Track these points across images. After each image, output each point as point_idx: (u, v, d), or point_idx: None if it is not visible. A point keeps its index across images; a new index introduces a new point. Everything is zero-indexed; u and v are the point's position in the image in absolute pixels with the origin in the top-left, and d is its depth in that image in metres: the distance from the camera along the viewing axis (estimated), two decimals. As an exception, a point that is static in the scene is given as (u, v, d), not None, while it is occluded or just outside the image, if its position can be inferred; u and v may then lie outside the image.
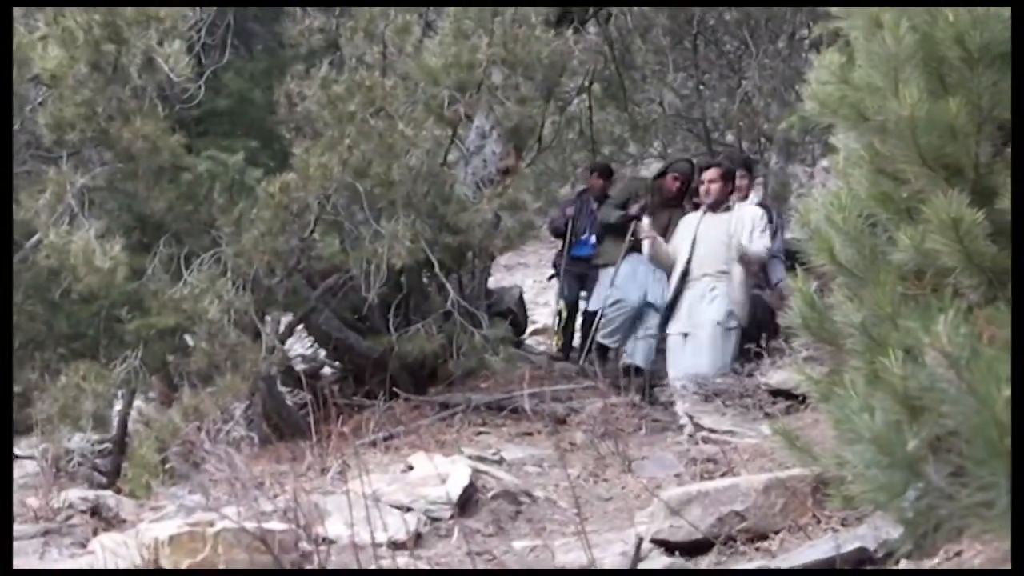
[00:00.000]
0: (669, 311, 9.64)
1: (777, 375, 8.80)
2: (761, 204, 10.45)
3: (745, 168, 10.02)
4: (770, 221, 9.96)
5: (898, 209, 4.53)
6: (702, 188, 9.70)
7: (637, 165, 12.52)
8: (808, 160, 11.93)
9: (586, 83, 10.60)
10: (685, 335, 9.46)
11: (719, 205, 9.59)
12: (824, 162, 8.40)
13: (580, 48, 9.99)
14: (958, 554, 3.51)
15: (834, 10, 4.96)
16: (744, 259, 9.21)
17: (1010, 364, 2.64)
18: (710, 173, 9.68)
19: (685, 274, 9.50)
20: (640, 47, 11.45)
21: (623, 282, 10.60)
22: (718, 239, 9.41)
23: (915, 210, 4.44)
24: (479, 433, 8.69)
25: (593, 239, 10.96)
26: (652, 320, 10.29)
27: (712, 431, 8.15)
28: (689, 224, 9.70)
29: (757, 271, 9.60)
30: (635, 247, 10.42)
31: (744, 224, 9.40)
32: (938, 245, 4.34)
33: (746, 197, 10.14)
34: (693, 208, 10.35)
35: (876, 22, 4.79)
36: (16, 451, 9.30)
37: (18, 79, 8.24)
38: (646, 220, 9.81)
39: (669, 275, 9.81)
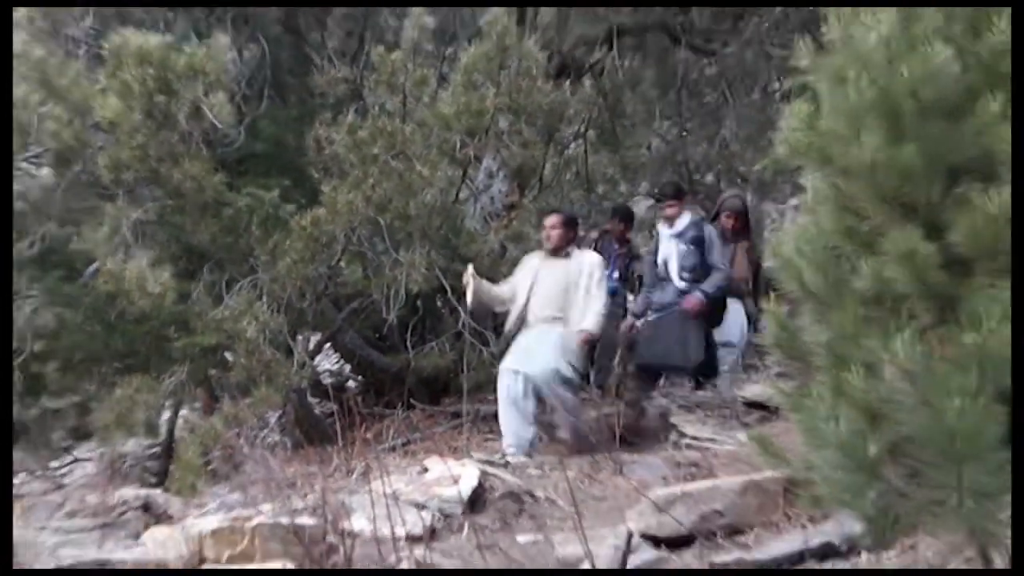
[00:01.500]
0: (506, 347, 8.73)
1: (752, 389, 8.83)
2: (697, 221, 9.42)
3: (675, 196, 9.11)
4: (700, 238, 9.07)
5: (860, 242, 4.54)
6: (543, 234, 8.78)
7: (628, 202, 12.46)
8: (780, 198, 11.93)
9: (582, 129, 10.57)
10: (516, 372, 8.25)
11: (559, 251, 8.63)
12: (794, 200, 8.41)
13: (576, 98, 10.02)
14: (912, 547, 3.52)
15: (802, 65, 4.98)
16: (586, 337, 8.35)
17: (961, 378, 2.66)
18: (551, 220, 8.74)
19: (522, 318, 8.58)
20: (630, 98, 11.46)
21: None
22: (556, 284, 8.54)
23: (875, 243, 4.45)
24: (487, 440, 8.71)
25: (616, 275, 10.59)
26: None
27: (695, 438, 8.17)
28: (530, 267, 8.74)
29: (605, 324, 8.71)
30: None
31: (582, 273, 8.59)
32: (895, 274, 4.34)
33: (673, 221, 9.11)
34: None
35: (839, 76, 4.81)
36: (76, 454, 9.33)
37: (81, 126, 8.31)
38: (470, 267, 8.60)
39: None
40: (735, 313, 9.25)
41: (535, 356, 8.24)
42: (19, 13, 8.51)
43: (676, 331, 8.62)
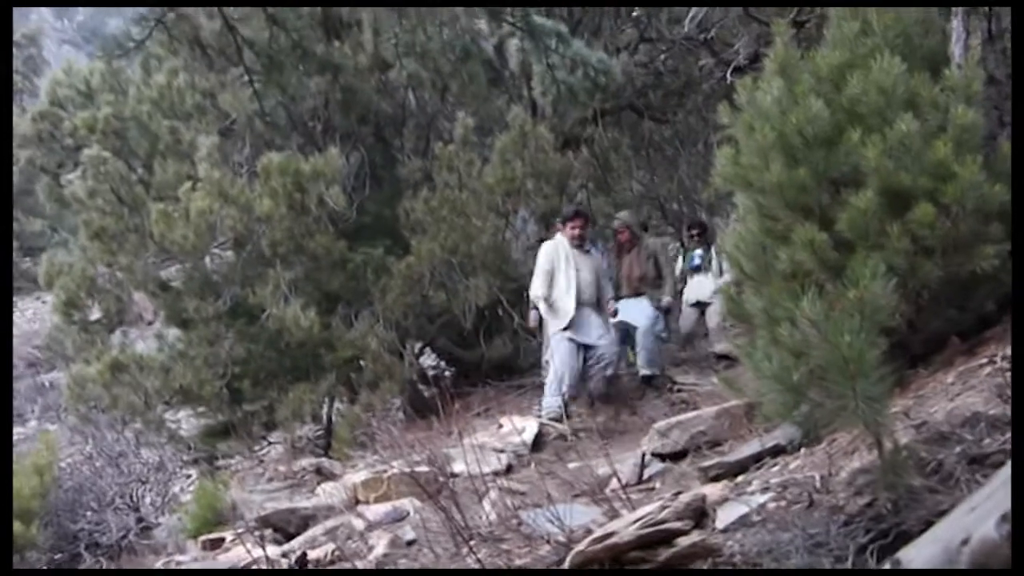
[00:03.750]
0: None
1: (720, 346, 8.78)
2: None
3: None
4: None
5: (776, 237, 4.54)
6: (572, 232, 7.70)
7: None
8: (724, 214, 11.86)
9: (584, 183, 10.54)
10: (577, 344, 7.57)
11: (583, 245, 7.78)
12: (733, 214, 8.42)
13: (578, 162, 9.99)
14: (832, 441, 3.52)
15: (725, 122, 5.00)
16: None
17: (849, 322, 2.67)
18: (578, 220, 7.78)
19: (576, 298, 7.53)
20: (614, 157, 11.40)
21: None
22: (591, 273, 7.66)
23: (787, 237, 4.45)
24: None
25: None
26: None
27: (683, 384, 8.16)
28: (561, 256, 7.68)
29: None
30: None
31: (601, 266, 8.09)
32: (802, 257, 4.35)
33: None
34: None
35: (750, 126, 4.81)
36: (269, 439, 9.42)
37: (248, 220, 8.42)
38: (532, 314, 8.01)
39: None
40: (638, 304, 8.45)
41: (592, 329, 7.48)
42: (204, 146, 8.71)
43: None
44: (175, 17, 3.87)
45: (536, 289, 7.65)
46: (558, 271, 7.55)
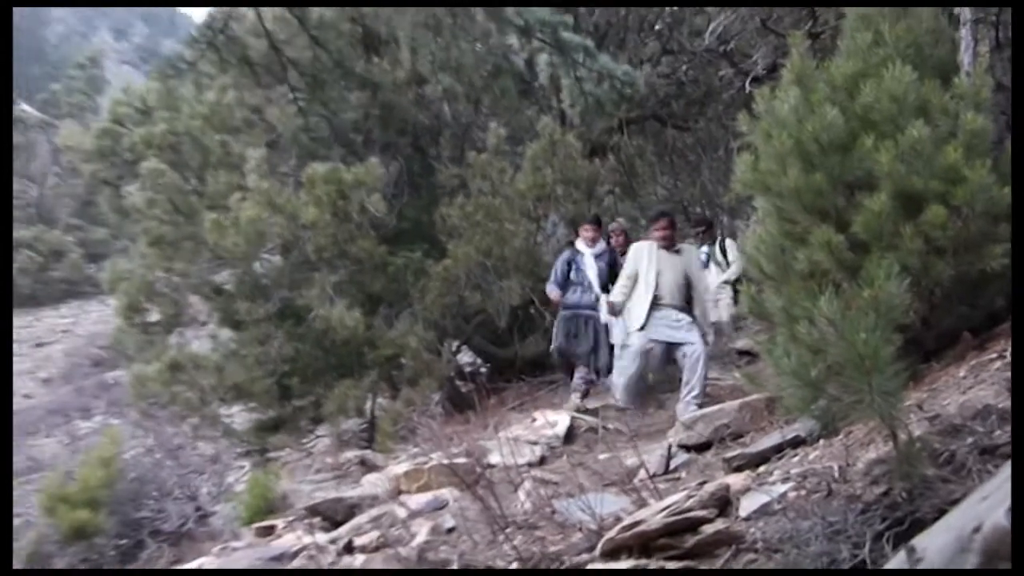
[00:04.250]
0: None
1: (741, 342, 8.74)
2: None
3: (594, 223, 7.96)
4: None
5: (795, 239, 4.52)
6: (658, 234, 6.90)
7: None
8: (745, 216, 11.78)
9: (611, 187, 10.51)
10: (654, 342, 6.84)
11: (672, 246, 6.90)
12: (753, 217, 8.35)
13: (605, 169, 9.96)
14: (849, 433, 3.50)
15: (745, 130, 4.99)
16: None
17: (864, 320, 2.66)
18: (662, 222, 6.94)
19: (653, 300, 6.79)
20: (639, 164, 11.38)
21: None
22: (677, 275, 6.83)
23: (805, 239, 4.44)
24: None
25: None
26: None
27: (708, 379, 8.11)
28: (648, 257, 6.93)
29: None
30: None
31: (691, 265, 7.06)
32: (819, 257, 4.34)
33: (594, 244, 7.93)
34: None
35: (768, 134, 4.79)
36: (316, 433, 9.49)
37: (294, 227, 8.48)
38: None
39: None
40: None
41: (678, 332, 6.64)
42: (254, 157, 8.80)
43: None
44: (225, 39, 3.91)
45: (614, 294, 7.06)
46: (640, 273, 6.86)
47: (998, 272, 4.06)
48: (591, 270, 7.71)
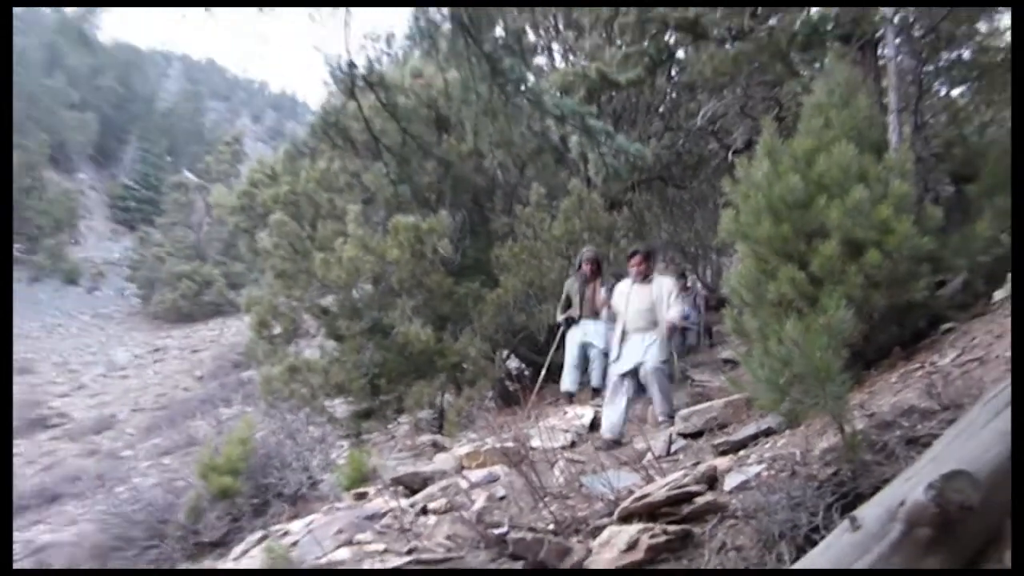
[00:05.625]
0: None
1: (726, 352, 8.64)
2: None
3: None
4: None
5: (767, 274, 4.51)
6: (633, 269, 6.13)
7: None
8: (729, 255, 11.68)
9: (625, 233, 10.48)
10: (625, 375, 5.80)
11: (646, 279, 6.02)
12: (735, 256, 8.31)
13: (621, 218, 9.95)
14: (809, 425, 3.48)
15: (728, 190, 4.98)
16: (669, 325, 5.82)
17: (820, 340, 2.65)
18: (636, 258, 6.11)
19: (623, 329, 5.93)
20: (648, 215, 11.35)
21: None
22: (643, 303, 5.91)
23: (775, 274, 4.43)
24: (596, 395, 8.57)
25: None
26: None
27: (700, 381, 8.03)
28: (622, 292, 6.11)
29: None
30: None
31: (663, 293, 5.94)
32: (786, 289, 4.32)
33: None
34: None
35: (746, 194, 4.79)
36: (399, 420, 9.52)
37: (382, 264, 8.53)
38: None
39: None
40: (595, 326, 7.45)
41: (640, 358, 5.76)
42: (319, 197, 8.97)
43: None
44: (335, 130, 4.05)
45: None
46: (619, 309, 6.11)
47: (920, 302, 4.05)
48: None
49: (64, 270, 37.28)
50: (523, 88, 3.72)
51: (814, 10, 6.29)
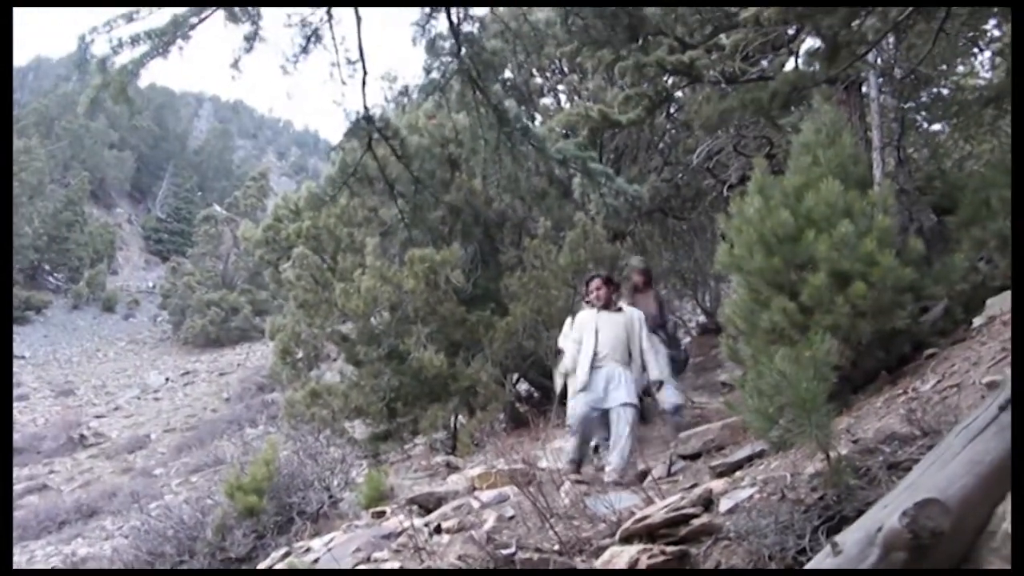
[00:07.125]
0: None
1: (723, 376, 8.60)
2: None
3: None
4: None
5: (760, 304, 4.54)
6: (593, 295, 5.70)
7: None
8: (728, 282, 11.68)
9: (628, 263, 10.51)
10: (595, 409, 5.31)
11: (609, 306, 5.59)
12: (731, 286, 8.32)
13: (623, 248, 9.93)
14: (799, 449, 3.44)
15: (723, 225, 5.02)
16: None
17: (807, 371, 2.67)
18: (596, 282, 5.68)
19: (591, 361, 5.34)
20: (649, 244, 11.35)
21: None
22: (615, 333, 5.42)
23: (768, 304, 4.45)
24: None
25: None
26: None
27: (699, 403, 7.99)
28: (588, 321, 5.56)
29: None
30: None
31: (634, 324, 5.51)
32: (778, 318, 4.34)
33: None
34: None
35: (739, 228, 4.83)
36: (415, 442, 9.49)
37: (399, 293, 8.58)
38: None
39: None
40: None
41: (611, 393, 5.23)
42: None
43: None
44: (356, 180, 4.14)
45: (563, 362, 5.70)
46: (584, 337, 5.50)
47: (903, 328, 4.06)
48: None
49: (102, 298, 37.69)
50: (527, 134, 3.79)
51: (791, 66, 6.36)
